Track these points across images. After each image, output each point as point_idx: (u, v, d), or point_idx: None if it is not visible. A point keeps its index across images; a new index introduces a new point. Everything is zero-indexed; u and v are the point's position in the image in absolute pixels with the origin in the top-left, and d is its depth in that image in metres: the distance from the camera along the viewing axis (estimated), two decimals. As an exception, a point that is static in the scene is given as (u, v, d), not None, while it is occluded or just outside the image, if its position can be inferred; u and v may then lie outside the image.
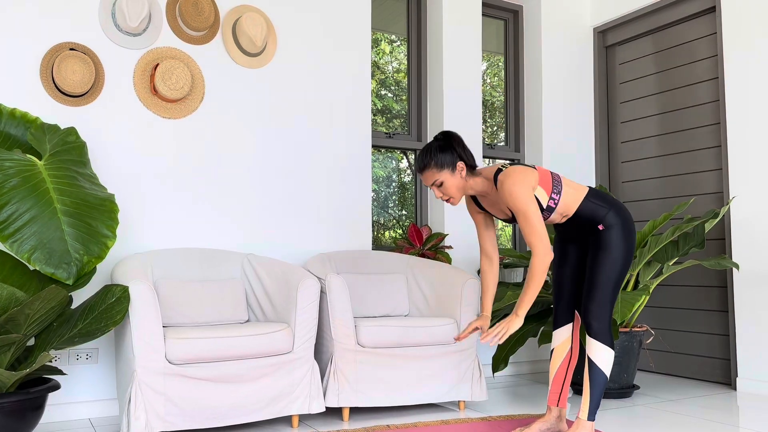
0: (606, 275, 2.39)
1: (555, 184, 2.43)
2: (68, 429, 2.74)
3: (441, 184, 2.44)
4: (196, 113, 3.27)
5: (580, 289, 2.59)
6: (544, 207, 2.42)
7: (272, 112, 3.47)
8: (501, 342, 2.35)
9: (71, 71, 2.93)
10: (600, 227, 2.43)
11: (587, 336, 2.42)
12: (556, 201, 2.42)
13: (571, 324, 2.58)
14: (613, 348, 2.41)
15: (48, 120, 2.96)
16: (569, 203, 2.44)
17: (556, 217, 2.47)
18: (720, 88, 3.80)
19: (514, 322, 2.31)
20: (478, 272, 4.02)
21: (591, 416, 2.39)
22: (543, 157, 4.34)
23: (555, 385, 2.58)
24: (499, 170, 2.43)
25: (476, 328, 2.50)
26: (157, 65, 3.12)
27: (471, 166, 2.47)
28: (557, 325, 2.60)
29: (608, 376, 2.40)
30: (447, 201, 2.49)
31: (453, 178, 2.43)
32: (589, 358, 2.40)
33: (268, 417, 2.64)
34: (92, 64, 2.99)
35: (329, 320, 2.86)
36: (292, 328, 2.74)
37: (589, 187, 2.52)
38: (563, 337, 2.58)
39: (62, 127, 2.94)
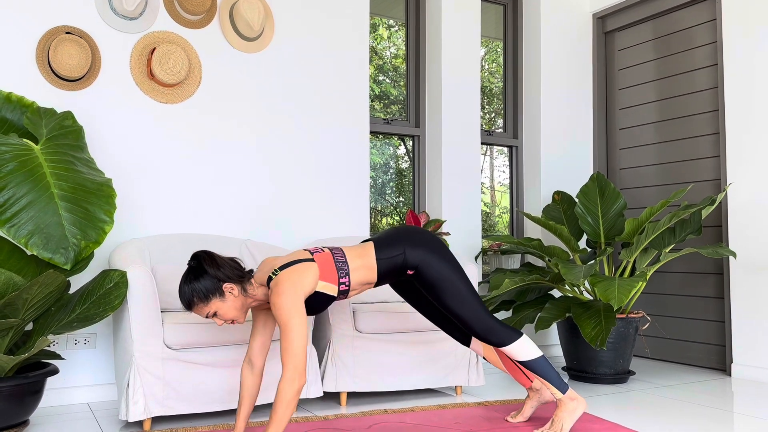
0: (459, 303, 2.28)
1: (339, 267, 2.21)
2: (67, 413, 2.76)
3: (215, 314, 2.13)
4: (194, 98, 3.26)
5: (442, 314, 2.54)
6: (337, 295, 2.22)
7: (269, 97, 3.45)
8: None
9: (67, 55, 2.91)
10: (409, 272, 2.28)
11: (498, 350, 2.43)
12: (347, 283, 2.22)
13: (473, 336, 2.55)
14: (519, 335, 2.34)
15: (44, 104, 2.95)
16: (365, 275, 2.25)
17: (358, 292, 2.30)
18: (719, 74, 3.79)
19: None
20: (476, 258, 4.03)
21: (562, 390, 2.38)
22: (541, 144, 4.33)
23: (513, 373, 2.61)
24: (271, 276, 2.16)
25: None
26: (154, 49, 3.10)
27: (241, 278, 2.15)
28: (467, 344, 2.59)
29: (539, 353, 2.36)
30: (232, 323, 2.23)
31: (225, 303, 2.11)
32: (516, 362, 2.40)
33: (266, 401, 2.65)
34: (88, 48, 2.97)
35: (327, 306, 2.86)
36: (290, 314, 2.74)
37: (372, 240, 2.31)
38: (479, 346, 2.59)
39: (59, 112, 2.93)
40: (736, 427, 2.55)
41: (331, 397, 3.05)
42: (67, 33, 2.97)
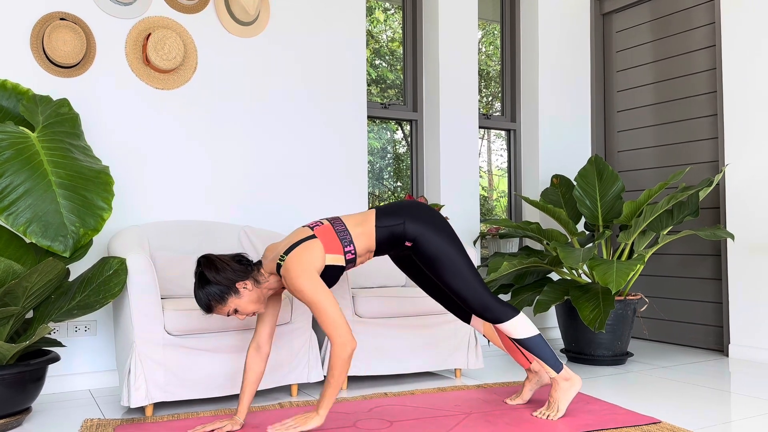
0: (457, 278, 2.29)
1: (342, 237, 2.22)
2: (69, 400, 2.77)
3: (236, 311, 2.15)
4: (190, 83, 3.24)
5: (442, 289, 2.56)
6: (345, 265, 2.24)
7: (265, 82, 3.43)
8: None
9: (62, 41, 2.89)
10: (407, 243, 2.30)
11: (494, 326, 2.44)
12: (352, 251, 2.24)
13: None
14: (516, 312, 2.36)
15: (40, 92, 2.93)
16: (366, 242, 2.26)
17: (363, 259, 2.31)
18: (717, 56, 3.78)
19: (312, 420, 2.07)
20: (474, 242, 4.03)
21: (557, 369, 2.40)
22: (539, 127, 4.32)
23: (513, 353, 2.63)
24: (279, 262, 2.17)
25: None
26: (149, 35, 3.08)
27: (253, 271, 2.18)
28: (467, 321, 2.62)
29: (536, 331, 2.38)
30: (253, 315, 2.22)
31: (242, 299, 2.13)
32: (512, 339, 2.40)
33: (268, 386, 2.67)
34: (83, 34, 2.94)
35: (326, 291, 2.87)
36: (290, 299, 2.75)
37: (374, 208, 2.34)
38: (479, 323, 2.62)
39: (54, 99, 2.91)
40: (734, 407, 2.57)
41: (331, 382, 3.06)
42: (61, 19, 2.94)
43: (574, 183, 4.22)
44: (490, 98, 4.52)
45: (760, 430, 2.25)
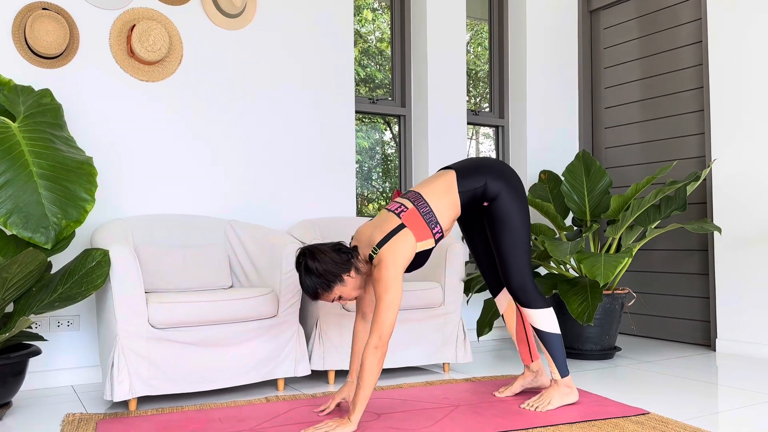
0: (513, 246, 2.32)
1: (428, 220, 2.26)
2: (51, 395, 2.72)
3: (340, 297, 2.24)
4: (174, 76, 3.20)
5: (488, 251, 2.57)
6: (435, 244, 2.29)
7: (252, 76, 3.40)
8: None
9: (44, 31, 2.85)
10: (485, 204, 2.34)
11: (521, 308, 2.43)
12: (439, 231, 2.28)
13: (504, 287, 2.59)
14: (548, 306, 2.39)
15: (21, 82, 2.88)
16: (451, 213, 2.30)
17: (450, 229, 2.35)
18: (703, 52, 3.80)
19: (345, 427, 2.06)
20: (462, 239, 4.02)
21: (564, 373, 2.41)
22: (527, 124, 4.32)
23: (521, 344, 2.62)
24: (372, 252, 2.23)
25: (343, 400, 2.38)
26: (134, 26, 3.04)
27: (353, 258, 2.24)
28: (494, 293, 2.62)
29: (558, 331, 2.40)
30: (353, 300, 2.32)
31: (346, 286, 2.22)
32: (534, 328, 2.41)
33: (254, 380, 2.64)
34: (66, 24, 2.90)
35: (313, 284, 2.85)
36: (277, 293, 2.72)
37: (454, 170, 2.34)
38: (505, 301, 2.61)
39: (36, 89, 2.86)
40: (721, 399, 2.57)
41: (319, 376, 3.04)
42: (43, 9, 2.90)
43: (562, 178, 4.23)
44: (478, 99, 4.51)
45: (747, 421, 2.25)
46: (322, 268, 2.17)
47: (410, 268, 2.32)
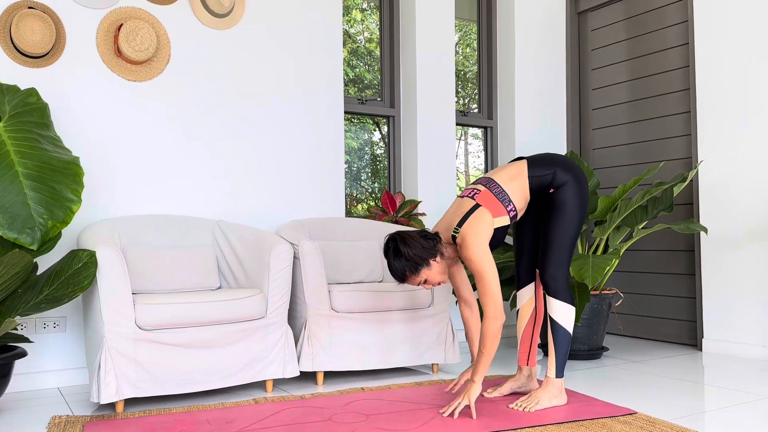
0: (561, 235, 2.40)
1: (501, 198, 2.38)
2: (37, 398, 2.70)
3: (426, 281, 2.39)
4: (162, 76, 3.19)
5: (532, 237, 2.61)
6: (510, 222, 2.41)
7: (240, 76, 3.39)
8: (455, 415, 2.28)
9: (30, 30, 2.82)
10: (551, 191, 2.43)
11: (547, 296, 2.45)
12: (513, 209, 2.40)
13: (533, 284, 2.61)
14: (573, 304, 2.44)
15: (7, 81, 2.85)
16: (522, 194, 2.42)
17: (523, 210, 2.45)
18: (690, 53, 3.83)
19: (473, 390, 2.26)
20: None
21: (559, 373, 2.43)
22: (516, 125, 4.33)
23: (523, 345, 2.62)
24: (454, 233, 2.37)
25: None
26: (121, 26, 3.02)
27: (438, 244, 2.38)
28: (520, 285, 2.63)
29: (571, 332, 2.43)
30: (438, 285, 2.44)
31: (431, 270, 2.37)
32: (550, 317, 2.44)
33: (242, 382, 2.63)
34: (52, 23, 2.88)
35: (303, 286, 2.84)
36: (265, 294, 2.71)
37: (525, 159, 2.47)
38: (526, 297, 2.61)
39: (22, 89, 2.84)
40: (708, 398, 2.59)
41: (307, 377, 3.03)
42: (29, 8, 2.87)
43: (550, 180, 4.23)
44: (467, 100, 4.52)
45: (733, 420, 2.27)
46: (411, 252, 2.32)
47: (492, 245, 2.42)
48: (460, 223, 2.36)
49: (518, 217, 2.44)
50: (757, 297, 3.44)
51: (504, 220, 2.38)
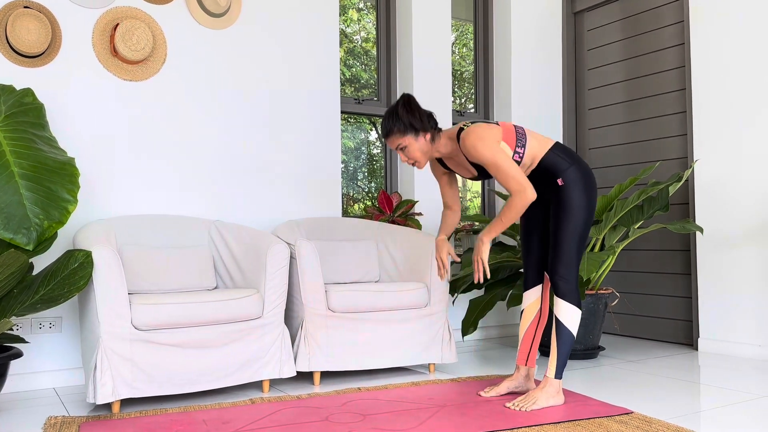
0: (569, 235, 2.40)
1: (519, 137, 2.43)
2: (33, 398, 2.69)
3: (404, 148, 2.46)
4: (158, 75, 3.18)
5: (548, 250, 2.61)
6: (512, 134, 2.46)
7: (237, 76, 3.39)
8: (487, 273, 2.38)
9: (26, 30, 2.81)
10: (559, 182, 2.43)
11: (555, 296, 2.45)
12: (521, 154, 2.42)
13: (540, 285, 2.61)
14: (580, 307, 2.44)
15: (2, 81, 2.84)
16: (534, 154, 2.45)
17: (523, 169, 2.48)
18: (686, 54, 3.84)
19: (483, 249, 2.37)
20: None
21: (558, 374, 2.43)
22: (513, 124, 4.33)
23: (524, 344, 2.62)
24: (461, 129, 2.45)
25: (448, 255, 2.66)
26: (117, 25, 3.01)
27: (435, 129, 2.49)
28: (527, 286, 2.63)
29: (575, 335, 2.44)
30: (413, 165, 2.51)
31: (417, 143, 2.45)
32: (556, 317, 2.44)
33: (239, 382, 2.62)
34: (48, 22, 2.87)
35: (299, 285, 2.84)
36: (262, 294, 2.71)
37: (557, 141, 2.52)
38: (533, 298, 2.61)
39: (18, 89, 2.83)
40: (703, 398, 2.60)
41: (304, 377, 3.03)
42: (25, 7, 2.86)
43: (547, 179, 4.23)
44: (463, 99, 4.52)
45: (729, 419, 2.28)
46: (408, 117, 2.42)
47: (481, 174, 2.52)
48: (472, 124, 2.46)
49: (519, 166, 2.46)
50: (753, 296, 3.46)
51: (507, 150, 2.41)
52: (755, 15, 3.48)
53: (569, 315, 2.43)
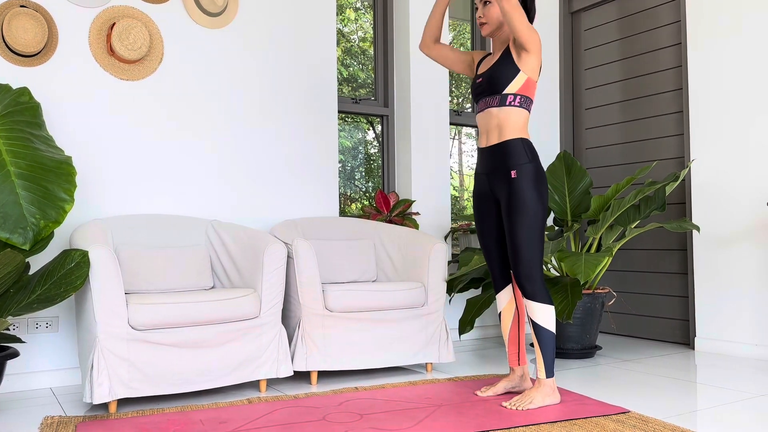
0: (525, 233, 2.39)
1: (531, 101, 2.53)
2: (29, 398, 2.69)
3: (486, 3, 2.53)
4: (155, 75, 3.18)
5: (506, 248, 2.61)
6: (535, 85, 2.53)
7: (234, 75, 3.39)
8: None
9: (22, 29, 2.81)
10: (513, 173, 2.43)
11: (524, 299, 2.45)
12: (519, 101, 2.48)
13: (510, 285, 2.62)
14: (551, 303, 2.43)
15: (-1, 81, 2.84)
16: (520, 122, 2.47)
17: (513, 112, 2.48)
18: (682, 53, 3.84)
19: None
20: (446, 238, 4.04)
21: (549, 373, 2.44)
22: (509, 124, 4.34)
23: (511, 346, 2.63)
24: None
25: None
26: (114, 24, 3.01)
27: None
28: (497, 289, 2.64)
29: (554, 331, 2.44)
30: (480, 25, 2.57)
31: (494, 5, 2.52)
32: (532, 321, 2.44)
33: (236, 382, 2.62)
34: (45, 21, 2.86)
35: (296, 285, 2.84)
36: (259, 294, 2.71)
37: (530, 141, 2.57)
38: (506, 299, 2.62)
39: (14, 88, 2.82)
40: (700, 397, 2.61)
41: (301, 377, 3.03)
42: (21, 6, 2.86)
43: (544, 179, 4.24)
44: (460, 99, 4.53)
45: (726, 418, 2.29)
46: None
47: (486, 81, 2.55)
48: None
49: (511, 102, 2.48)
50: (749, 296, 3.46)
51: (534, 74, 2.51)
52: (753, 15, 3.49)
53: (543, 314, 2.42)
